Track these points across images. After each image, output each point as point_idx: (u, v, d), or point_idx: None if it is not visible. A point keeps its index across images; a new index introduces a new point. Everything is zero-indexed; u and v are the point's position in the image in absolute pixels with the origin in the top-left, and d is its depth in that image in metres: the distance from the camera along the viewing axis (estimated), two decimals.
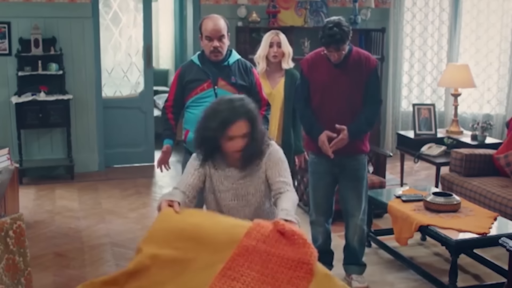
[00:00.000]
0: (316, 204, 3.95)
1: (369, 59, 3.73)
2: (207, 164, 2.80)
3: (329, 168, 3.82)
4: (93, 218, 5.28)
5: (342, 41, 3.55)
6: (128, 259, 4.37)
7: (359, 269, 3.98)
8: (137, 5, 7.24)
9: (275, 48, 4.31)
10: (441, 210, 3.99)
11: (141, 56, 7.20)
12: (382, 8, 7.59)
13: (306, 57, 3.88)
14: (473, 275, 4.15)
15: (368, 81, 3.70)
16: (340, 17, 3.63)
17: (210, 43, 3.58)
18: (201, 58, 3.69)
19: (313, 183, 3.95)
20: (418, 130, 6.24)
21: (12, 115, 6.32)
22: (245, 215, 2.78)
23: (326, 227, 3.97)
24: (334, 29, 3.52)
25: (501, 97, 7.37)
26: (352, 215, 3.89)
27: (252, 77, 3.74)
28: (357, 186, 3.85)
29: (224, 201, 2.81)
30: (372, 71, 3.72)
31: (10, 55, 6.28)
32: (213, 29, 3.57)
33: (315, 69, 3.74)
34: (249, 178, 2.79)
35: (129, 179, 6.56)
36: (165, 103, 3.79)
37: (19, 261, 2.55)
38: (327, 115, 3.71)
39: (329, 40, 3.55)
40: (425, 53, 7.72)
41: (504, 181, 4.94)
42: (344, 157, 3.77)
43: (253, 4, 7.02)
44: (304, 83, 3.80)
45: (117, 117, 6.99)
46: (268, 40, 4.35)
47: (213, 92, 3.60)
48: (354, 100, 3.70)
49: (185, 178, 2.80)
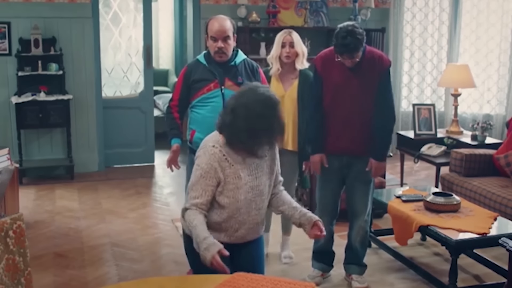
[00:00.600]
0: (322, 204, 3.95)
1: (382, 59, 3.70)
2: (221, 167, 2.64)
3: (337, 168, 3.83)
4: (93, 218, 5.28)
5: (356, 49, 3.53)
6: (128, 260, 4.38)
7: (359, 269, 3.99)
8: (137, 5, 7.24)
9: (287, 48, 4.07)
10: (441, 210, 3.98)
11: (141, 56, 7.20)
12: (382, 8, 7.59)
13: (320, 54, 3.85)
14: (473, 275, 4.15)
15: (380, 81, 3.67)
16: (354, 23, 3.58)
17: (214, 44, 3.59)
18: (207, 58, 3.68)
19: (321, 183, 3.94)
20: (418, 130, 6.23)
21: (12, 115, 6.32)
22: (256, 206, 2.73)
23: (330, 228, 3.96)
24: (347, 38, 3.48)
25: (501, 97, 7.37)
26: (358, 216, 3.90)
27: (258, 77, 3.74)
28: (365, 188, 3.85)
29: (242, 196, 2.68)
30: (385, 71, 3.70)
31: (10, 55, 6.28)
32: (218, 30, 3.57)
33: (328, 68, 3.72)
34: (260, 168, 2.74)
35: (129, 179, 6.56)
36: (170, 102, 3.77)
37: (19, 261, 2.54)
38: (338, 116, 3.72)
39: (342, 50, 3.53)
40: (425, 53, 7.72)
41: (504, 181, 4.94)
42: (353, 158, 3.77)
43: (253, 4, 7.02)
44: (318, 81, 3.77)
45: (117, 117, 6.99)
46: (280, 40, 4.12)
47: (220, 92, 3.60)
48: (365, 101, 3.69)
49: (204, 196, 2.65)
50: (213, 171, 2.63)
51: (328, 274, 4.08)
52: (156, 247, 4.67)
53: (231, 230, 2.72)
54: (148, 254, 4.51)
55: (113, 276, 4.11)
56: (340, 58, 3.61)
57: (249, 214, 2.72)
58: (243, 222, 2.72)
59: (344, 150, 3.76)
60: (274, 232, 4.51)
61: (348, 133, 3.71)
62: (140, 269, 4.23)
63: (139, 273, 4.14)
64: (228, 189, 2.66)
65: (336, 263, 4.08)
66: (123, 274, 4.14)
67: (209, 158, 2.64)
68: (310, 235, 2.77)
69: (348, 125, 3.70)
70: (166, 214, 5.43)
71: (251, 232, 2.77)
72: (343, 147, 3.75)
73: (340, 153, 3.78)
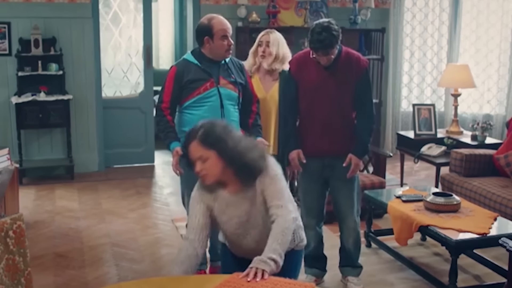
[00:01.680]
0: (307, 208, 3.89)
1: (359, 60, 3.66)
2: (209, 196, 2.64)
3: (319, 170, 3.78)
4: (93, 218, 5.28)
5: (331, 46, 3.48)
6: (128, 260, 4.38)
7: (354, 271, 3.95)
8: (137, 5, 7.24)
9: (263, 47, 4.01)
10: (441, 210, 3.98)
11: (141, 56, 7.20)
12: (382, 8, 7.59)
13: (295, 56, 3.81)
14: (473, 276, 4.15)
15: (358, 81, 3.64)
16: (329, 20, 3.53)
17: (226, 41, 3.58)
18: (198, 57, 3.64)
19: (304, 186, 3.89)
20: (418, 130, 6.23)
21: (12, 115, 6.32)
22: (252, 239, 2.66)
23: (318, 231, 3.93)
24: (322, 33, 3.43)
25: (501, 97, 7.37)
26: (345, 217, 3.84)
27: (245, 74, 3.82)
28: (348, 188, 3.79)
29: (229, 231, 2.67)
30: (363, 72, 3.66)
31: (10, 55, 6.28)
32: (228, 27, 3.60)
33: (304, 70, 3.68)
34: (248, 201, 2.61)
35: (129, 179, 6.56)
36: (160, 104, 3.63)
37: (19, 261, 2.55)
38: (317, 118, 3.68)
39: (317, 45, 3.47)
40: (425, 53, 7.72)
41: (504, 181, 4.94)
42: (334, 159, 3.72)
43: (253, 4, 7.03)
44: (291, 83, 3.74)
45: (117, 117, 6.99)
46: (258, 38, 4.09)
47: (217, 91, 3.59)
48: (344, 102, 3.65)
49: (191, 222, 2.65)
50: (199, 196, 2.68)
51: (322, 280, 4.02)
52: (156, 247, 4.67)
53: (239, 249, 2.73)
54: (148, 254, 4.51)
55: (113, 276, 4.11)
56: (315, 55, 3.55)
57: (248, 244, 2.68)
58: (245, 243, 2.68)
59: (325, 152, 3.71)
60: None
61: (329, 134, 3.67)
62: (140, 269, 4.23)
63: (139, 273, 4.14)
64: (219, 217, 2.66)
65: (333, 265, 4.04)
66: (123, 274, 4.14)
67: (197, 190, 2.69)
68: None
69: (327, 126, 3.66)
70: (166, 214, 5.43)
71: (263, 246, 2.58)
72: (324, 148, 3.71)
73: (321, 155, 3.73)
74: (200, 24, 3.65)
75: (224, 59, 3.67)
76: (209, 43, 3.59)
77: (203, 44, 3.62)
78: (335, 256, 4.05)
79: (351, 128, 3.73)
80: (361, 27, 7.28)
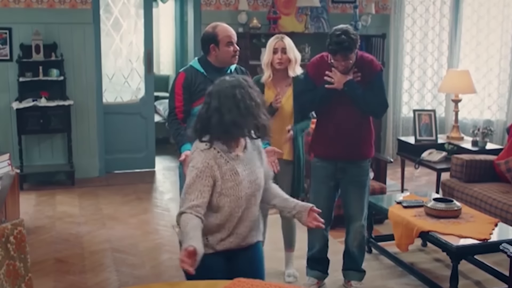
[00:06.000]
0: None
1: (372, 62, 3.71)
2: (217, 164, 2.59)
3: (332, 173, 3.81)
4: (94, 224, 5.28)
5: (350, 49, 3.50)
6: (128, 265, 4.38)
7: (358, 275, 3.96)
8: (138, 11, 7.26)
9: (279, 54, 3.90)
10: (442, 216, 3.98)
11: (141, 62, 7.21)
12: (383, 14, 7.60)
13: (312, 60, 3.86)
14: (474, 281, 4.15)
15: (371, 80, 3.65)
16: (347, 25, 3.57)
17: (232, 48, 3.56)
18: (204, 65, 3.62)
19: (315, 188, 3.92)
20: (418, 136, 6.24)
21: (13, 121, 6.32)
22: (255, 202, 2.70)
23: (324, 234, 3.94)
24: (342, 36, 3.45)
25: (502, 102, 7.38)
26: (354, 220, 3.88)
27: None
28: (360, 192, 3.84)
29: (242, 192, 2.62)
30: (377, 74, 3.70)
31: (11, 60, 6.30)
32: (233, 34, 3.58)
33: (322, 74, 3.68)
34: (253, 162, 2.70)
35: (130, 185, 6.56)
36: (175, 109, 3.60)
37: (19, 267, 2.54)
38: (332, 121, 3.72)
39: (336, 48, 3.49)
40: (425, 59, 7.73)
41: (504, 187, 4.94)
42: (348, 162, 3.77)
43: (253, 10, 7.04)
44: (309, 86, 3.75)
45: (117, 123, 6.99)
46: (272, 46, 3.95)
47: None
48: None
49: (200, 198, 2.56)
50: (209, 169, 2.57)
51: (323, 283, 4.03)
52: (156, 253, 4.67)
53: (231, 229, 2.66)
54: (148, 260, 4.50)
55: (113, 282, 4.11)
56: (333, 59, 3.58)
57: (249, 210, 2.67)
58: (243, 218, 2.67)
59: (339, 155, 3.75)
60: (277, 247, 4.49)
61: (344, 138, 3.70)
62: (140, 275, 4.22)
63: (140, 279, 4.14)
64: (227, 187, 2.60)
65: (336, 269, 4.06)
66: (123, 280, 4.13)
67: (205, 156, 2.58)
68: (308, 223, 2.73)
69: (342, 130, 3.69)
70: (167, 220, 5.42)
71: (251, 231, 2.71)
72: (338, 152, 3.74)
73: (334, 158, 3.77)
74: (205, 32, 3.63)
75: (231, 65, 3.66)
76: (215, 51, 3.57)
77: (209, 52, 3.59)
78: (337, 261, 4.05)
79: (366, 132, 3.77)
80: (361, 33, 7.26)
